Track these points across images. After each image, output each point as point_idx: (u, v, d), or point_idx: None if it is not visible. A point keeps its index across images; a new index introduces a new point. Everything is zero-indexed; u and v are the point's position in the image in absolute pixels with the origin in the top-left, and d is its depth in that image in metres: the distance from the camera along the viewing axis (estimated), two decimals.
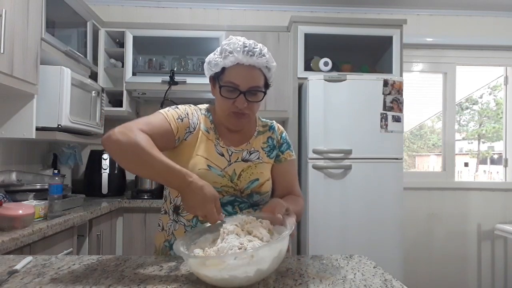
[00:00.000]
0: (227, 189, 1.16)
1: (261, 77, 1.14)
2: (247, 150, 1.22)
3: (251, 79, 1.12)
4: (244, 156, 1.21)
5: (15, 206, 1.55)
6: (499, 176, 3.52)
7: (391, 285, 0.86)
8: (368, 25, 2.82)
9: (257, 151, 1.23)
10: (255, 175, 1.18)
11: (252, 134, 1.26)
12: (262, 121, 1.32)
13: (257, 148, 1.24)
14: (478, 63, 3.42)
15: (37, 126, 1.97)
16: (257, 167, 1.20)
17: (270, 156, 1.25)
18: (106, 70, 2.88)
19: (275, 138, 1.28)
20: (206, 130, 1.21)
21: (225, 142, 1.21)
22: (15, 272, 0.91)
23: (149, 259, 1.05)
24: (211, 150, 1.18)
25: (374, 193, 2.46)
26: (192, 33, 2.86)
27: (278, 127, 1.32)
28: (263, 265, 0.80)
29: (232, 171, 1.17)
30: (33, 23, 1.89)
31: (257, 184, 1.18)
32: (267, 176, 1.21)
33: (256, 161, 1.21)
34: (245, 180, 1.17)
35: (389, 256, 2.42)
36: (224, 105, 1.15)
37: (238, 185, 1.17)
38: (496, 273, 3.26)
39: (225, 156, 1.19)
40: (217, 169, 1.16)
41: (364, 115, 2.49)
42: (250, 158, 1.21)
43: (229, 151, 1.20)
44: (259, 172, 1.19)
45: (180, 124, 1.14)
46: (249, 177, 1.18)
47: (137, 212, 2.57)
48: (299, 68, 2.74)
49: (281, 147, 1.28)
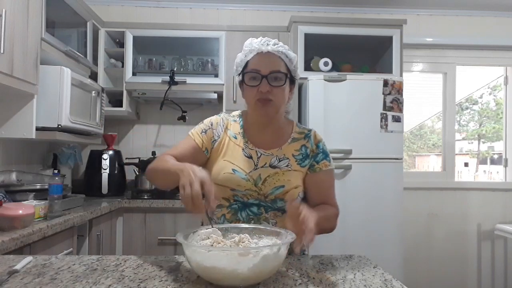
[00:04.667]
0: (251, 192, 1.19)
1: (281, 63, 1.19)
2: (277, 156, 1.22)
3: (270, 64, 1.17)
4: (272, 162, 1.21)
5: (15, 206, 1.55)
6: (499, 176, 3.52)
7: (391, 285, 0.86)
8: (368, 25, 2.82)
9: (287, 159, 1.22)
10: (281, 182, 1.18)
11: (286, 140, 1.26)
12: (299, 127, 1.31)
13: (287, 156, 1.23)
14: (478, 63, 3.42)
15: (37, 126, 1.97)
16: (285, 174, 1.20)
17: (301, 165, 1.23)
18: (106, 70, 2.88)
19: (309, 147, 1.26)
20: (234, 136, 1.25)
21: (255, 144, 1.24)
22: (15, 272, 0.91)
23: (149, 259, 1.05)
24: (237, 154, 1.22)
25: (374, 193, 2.46)
26: (192, 33, 2.86)
27: (315, 136, 1.29)
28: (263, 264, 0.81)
29: (257, 175, 1.19)
30: (33, 23, 1.89)
31: (282, 191, 1.18)
32: (294, 184, 1.19)
33: (285, 169, 1.21)
34: (270, 186, 1.18)
35: (389, 256, 2.42)
36: (250, 94, 1.20)
37: (262, 190, 1.18)
38: (496, 273, 3.26)
39: (253, 158, 1.21)
40: (242, 173, 1.19)
41: (364, 115, 2.48)
42: (278, 165, 1.21)
43: (258, 153, 1.22)
44: (286, 179, 1.19)
45: (204, 137, 1.25)
46: (274, 183, 1.18)
47: (137, 212, 2.57)
48: (299, 68, 2.72)
49: (316, 157, 1.25)
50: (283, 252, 0.86)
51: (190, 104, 3.08)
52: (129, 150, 3.15)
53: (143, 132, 3.21)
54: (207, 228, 0.98)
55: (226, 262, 0.79)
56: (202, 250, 0.83)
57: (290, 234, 0.92)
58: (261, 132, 1.25)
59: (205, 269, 0.82)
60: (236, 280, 0.80)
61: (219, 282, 0.82)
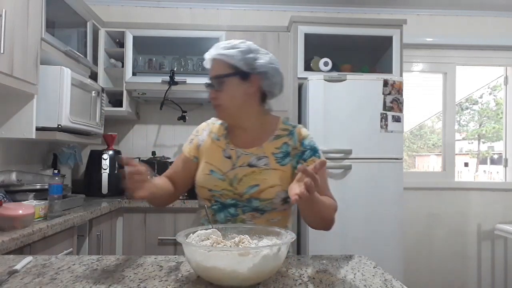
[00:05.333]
0: (227, 192, 1.18)
1: (220, 65, 1.19)
2: (256, 155, 1.21)
3: (213, 70, 1.21)
4: (251, 161, 1.20)
5: (15, 206, 1.55)
6: (499, 176, 3.52)
7: (391, 285, 0.86)
8: (368, 25, 2.82)
9: (266, 157, 1.20)
10: (256, 181, 1.17)
11: (267, 138, 1.24)
12: (285, 124, 1.28)
13: (267, 154, 1.21)
14: (478, 63, 3.42)
15: (37, 126, 1.96)
16: (262, 173, 1.18)
17: (281, 163, 1.21)
18: (106, 70, 2.88)
19: (291, 145, 1.23)
20: (217, 138, 1.28)
21: (237, 143, 1.24)
22: (15, 272, 0.91)
23: (149, 259, 1.05)
24: (217, 155, 1.23)
25: (374, 193, 2.46)
26: (192, 33, 2.86)
27: (300, 132, 1.25)
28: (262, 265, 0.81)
29: (234, 175, 1.19)
30: (33, 23, 1.89)
31: (256, 190, 1.16)
32: (270, 183, 1.17)
33: (262, 167, 1.19)
34: (245, 185, 1.17)
35: (389, 256, 2.42)
36: None
37: (237, 189, 1.18)
38: (496, 273, 3.26)
39: (232, 158, 1.21)
40: (219, 173, 1.20)
41: (364, 115, 2.48)
42: (256, 164, 1.20)
43: (238, 153, 1.22)
44: (262, 178, 1.17)
45: (191, 146, 1.31)
46: (249, 182, 1.17)
47: (137, 212, 2.57)
48: (299, 68, 2.74)
49: (303, 155, 1.22)
50: (283, 252, 0.86)
51: (190, 104, 3.08)
52: (129, 150, 3.15)
53: (143, 132, 3.21)
54: (207, 229, 0.97)
55: (226, 262, 0.79)
56: (202, 250, 0.83)
57: (290, 234, 0.92)
58: (243, 132, 1.25)
59: (205, 269, 0.82)
60: (236, 280, 0.80)
61: (219, 282, 0.82)
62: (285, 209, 1.25)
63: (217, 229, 0.99)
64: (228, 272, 0.79)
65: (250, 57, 1.18)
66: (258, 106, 1.25)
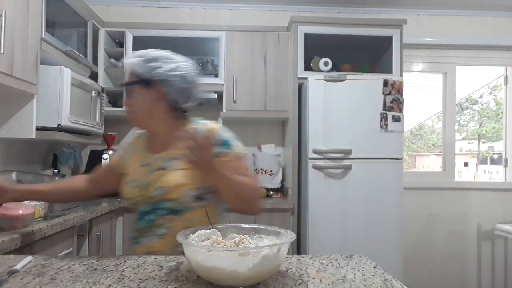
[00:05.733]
0: (141, 198, 1.22)
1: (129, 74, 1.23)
2: (168, 157, 1.22)
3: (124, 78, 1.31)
4: (162, 164, 1.22)
5: (15, 206, 1.55)
6: (499, 176, 3.52)
7: (391, 285, 0.86)
8: (368, 25, 2.82)
9: (176, 158, 1.19)
10: (162, 183, 1.18)
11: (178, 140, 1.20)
12: (193, 123, 1.29)
13: (176, 155, 1.20)
14: (478, 63, 3.42)
15: (37, 126, 1.97)
16: (171, 174, 1.18)
17: None
18: (106, 70, 2.88)
19: None
20: (137, 150, 1.33)
21: (154, 150, 1.27)
22: (15, 272, 0.91)
23: (149, 259, 1.05)
24: (135, 165, 1.28)
25: (374, 193, 2.46)
26: (192, 33, 2.86)
27: (208, 130, 1.23)
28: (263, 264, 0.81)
29: (148, 181, 1.21)
30: (33, 23, 1.89)
31: (163, 191, 1.17)
32: (176, 183, 1.16)
33: (172, 169, 1.19)
34: (153, 188, 1.19)
35: (389, 256, 2.42)
36: None
37: (148, 194, 1.20)
38: (496, 273, 3.26)
39: (150, 165, 1.24)
40: (134, 182, 1.24)
41: (364, 115, 2.49)
42: (167, 166, 1.21)
43: (154, 159, 1.24)
44: (166, 179, 1.17)
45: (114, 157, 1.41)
46: (156, 184, 1.19)
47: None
48: (299, 68, 2.74)
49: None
50: (283, 252, 0.86)
51: None
52: None
53: None
54: (207, 229, 0.97)
55: (226, 262, 0.79)
56: (202, 250, 0.83)
57: (290, 234, 0.92)
58: (157, 138, 1.28)
59: (205, 269, 0.82)
60: (236, 280, 0.80)
61: (219, 282, 0.82)
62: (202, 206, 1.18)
63: (217, 229, 0.99)
64: (228, 272, 0.79)
65: (152, 66, 1.20)
66: (166, 112, 1.25)
